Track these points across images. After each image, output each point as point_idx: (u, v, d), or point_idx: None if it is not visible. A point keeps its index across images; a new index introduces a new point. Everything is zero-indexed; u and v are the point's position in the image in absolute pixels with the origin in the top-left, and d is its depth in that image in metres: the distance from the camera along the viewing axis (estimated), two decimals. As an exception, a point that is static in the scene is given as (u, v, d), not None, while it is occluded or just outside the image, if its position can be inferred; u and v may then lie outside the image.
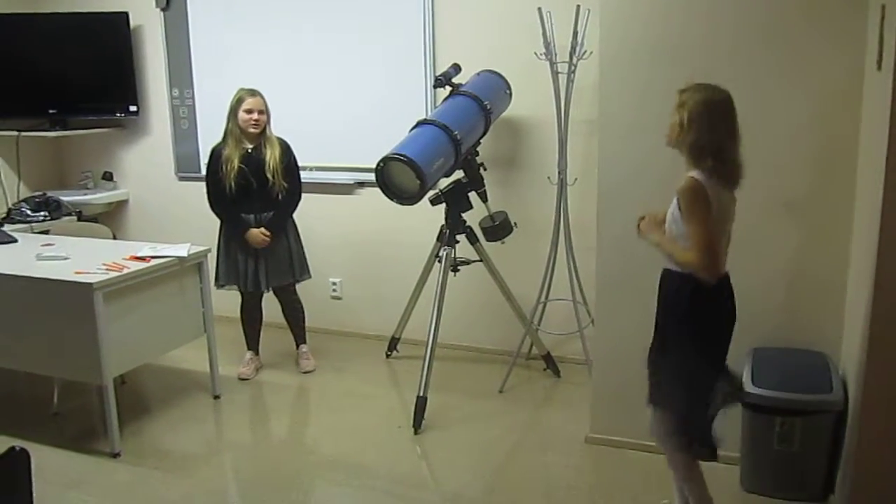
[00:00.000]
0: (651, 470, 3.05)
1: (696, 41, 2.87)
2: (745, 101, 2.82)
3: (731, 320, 2.41)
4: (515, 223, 3.72)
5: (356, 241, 4.64)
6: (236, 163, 3.83)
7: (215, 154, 3.91)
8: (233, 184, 3.83)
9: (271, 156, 3.87)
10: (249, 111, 3.82)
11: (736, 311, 2.43)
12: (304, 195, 4.06)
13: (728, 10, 2.81)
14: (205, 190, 3.95)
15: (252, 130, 3.84)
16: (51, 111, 4.97)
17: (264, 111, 3.87)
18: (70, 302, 3.16)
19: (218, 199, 3.91)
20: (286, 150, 3.96)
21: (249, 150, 3.88)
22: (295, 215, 4.06)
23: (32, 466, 1.77)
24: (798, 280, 2.90)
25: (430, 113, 3.98)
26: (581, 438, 3.31)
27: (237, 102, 3.85)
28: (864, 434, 2.33)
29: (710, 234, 2.23)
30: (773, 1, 2.76)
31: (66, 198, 4.92)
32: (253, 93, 3.86)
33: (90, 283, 3.09)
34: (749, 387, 2.73)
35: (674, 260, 2.34)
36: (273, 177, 3.86)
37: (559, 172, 3.79)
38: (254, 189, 3.87)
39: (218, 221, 3.99)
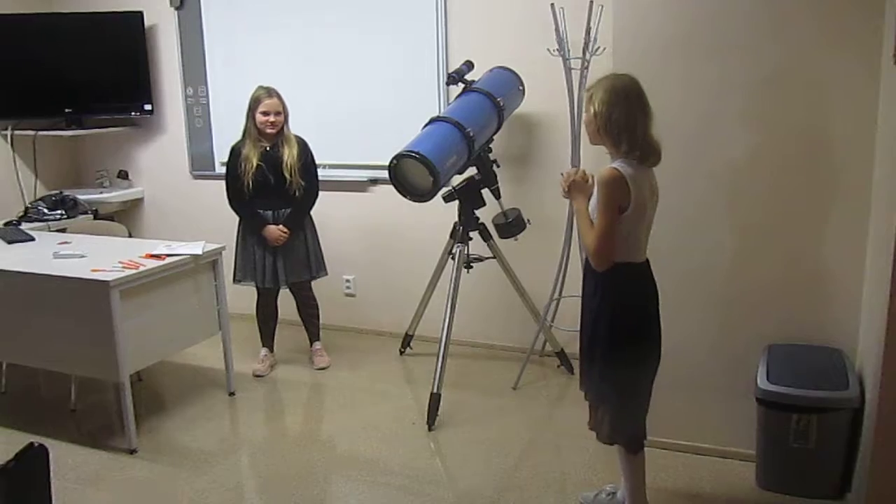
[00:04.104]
0: (665, 466, 3.04)
1: (708, 36, 2.85)
2: (758, 96, 2.83)
3: (654, 303, 2.49)
4: (529, 220, 3.71)
5: (369, 239, 4.65)
6: (254, 161, 3.86)
7: (234, 152, 3.94)
8: (250, 181, 3.87)
9: (289, 154, 3.89)
10: (266, 113, 3.85)
11: (658, 297, 2.51)
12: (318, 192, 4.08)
13: (740, 4, 2.79)
14: (224, 187, 3.99)
15: (269, 131, 3.87)
16: (67, 110, 5.01)
17: (281, 112, 3.89)
18: (87, 300, 3.19)
19: (236, 196, 3.95)
20: (303, 148, 3.98)
21: (267, 149, 3.90)
22: (312, 212, 4.08)
23: (51, 463, 1.79)
24: (813, 276, 2.88)
25: (442, 110, 3.98)
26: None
27: (254, 102, 3.88)
28: (880, 431, 2.32)
29: (612, 229, 2.30)
30: (785, 1, 2.74)
31: (83, 196, 4.96)
32: (270, 93, 3.87)
33: (106, 281, 3.12)
34: (764, 383, 2.72)
35: (581, 232, 2.42)
36: (290, 175, 3.89)
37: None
38: (271, 186, 3.90)
39: (235, 218, 4.03)
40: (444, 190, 3.58)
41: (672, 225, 3.01)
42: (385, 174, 3.44)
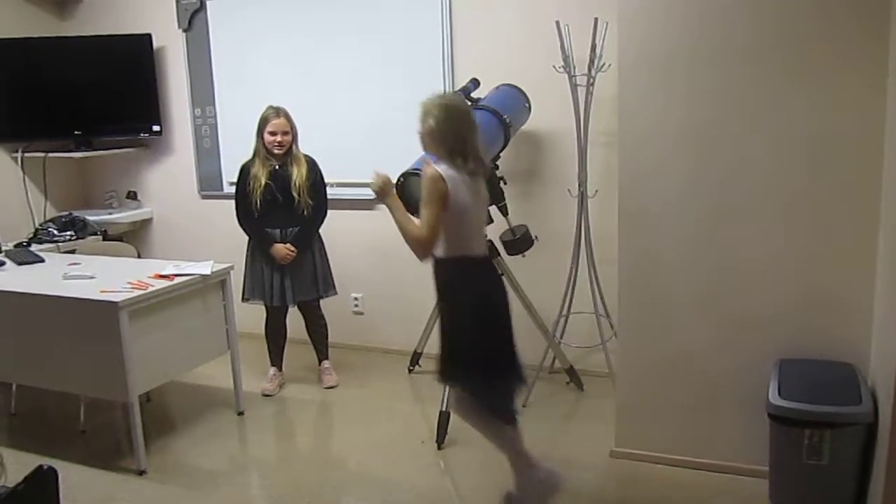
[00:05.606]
0: (677, 484, 3.02)
1: (713, 53, 2.86)
2: (764, 111, 2.83)
3: (498, 295, 2.73)
4: (536, 236, 3.71)
5: (377, 257, 4.65)
6: (263, 179, 3.88)
7: (244, 170, 3.97)
8: (259, 200, 3.89)
9: (298, 174, 3.92)
10: (273, 133, 3.87)
11: (505, 289, 2.79)
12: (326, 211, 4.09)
13: (744, 21, 2.80)
14: (234, 206, 4.02)
15: (277, 151, 3.89)
16: (76, 132, 5.06)
17: (288, 132, 3.91)
18: (96, 320, 3.20)
19: (245, 214, 3.97)
20: (312, 167, 4.00)
21: (276, 168, 3.93)
22: (320, 231, 4.09)
23: (60, 484, 1.79)
24: (823, 290, 2.86)
25: (449, 128, 3.98)
26: (606, 453, 3.28)
27: (263, 122, 3.91)
28: (895, 447, 2.29)
29: (436, 221, 2.55)
30: (789, 11, 2.74)
31: (92, 217, 4.99)
32: (278, 113, 3.90)
33: (116, 302, 3.12)
34: (776, 399, 2.69)
35: (400, 228, 2.63)
36: (299, 194, 3.91)
37: (579, 185, 3.78)
38: (280, 205, 3.92)
39: (244, 238, 4.05)
40: (451, 207, 3.58)
41: (680, 239, 3.02)
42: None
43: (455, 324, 2.69)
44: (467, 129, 2.64)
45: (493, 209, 3.73)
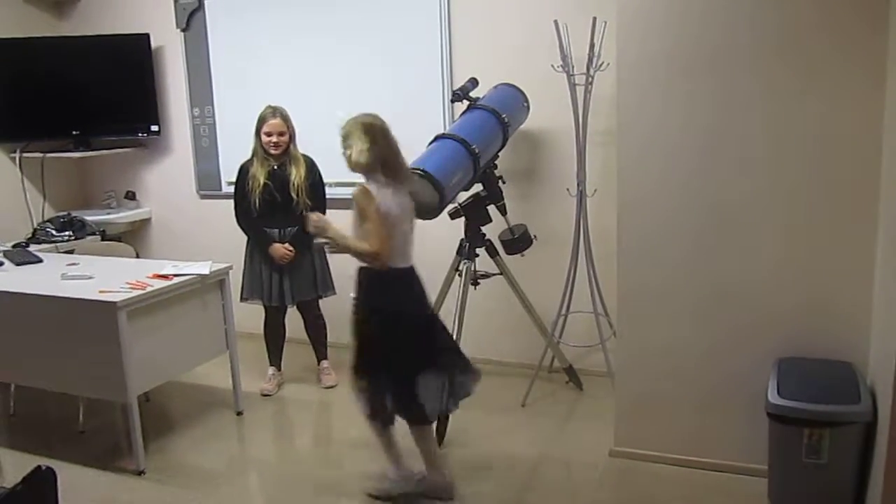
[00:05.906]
0: (677, 483, 3.02)
1: (712, 51, 2.86)
2: (763, 111, 2.83)
3: (416, 306, 2.90)
4: (535, 235, 3.71)
5: (376, 256, 4.64)
6: (261, 179, 3.88)
7: (243, 170, 3.97)
8: (257, 200, 3.89)
9: (296, 174, 3.91)
10: (269, 134, 3.87)
11: (426, 298, 2.95)
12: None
13: (744, 20, 2.80)
14: (232, 205, 4.02)
15: (273, 152, 3.89)
16: (74, 132, 5.05)
17: (285, 132, 3.91)
18: (94, 321, 3.20)
19: (244, 214, 3.97)
20: (311, 167, 4.00)
21: (275, 168, 3.93)
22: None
23: (59, 485, 1.79)
24: (823, 289, 2.86)
25: (448, 127, 3.99)
26: (605, 452, 3.28)
27: (260, 122, 3.91)
28: (893, 445, 2.29)
29: (384, 230, 2.69)
30: (789, 11, 2.74)
31: (90, 217, 4.98)
32: (275, 113, 3.90)
33: (114, 302, 3.12)
34: (775, 398, 2.69)
35: (352, 251, 2.76)
36: (297, 194, 3.90)
37: (578, 184, 3.78)
38: (278, 205, 3.91)
39: (243, 237, 4.05)
40: (450, 207, 3.58)
41: (680, 238, 3.02)
42: (391, 192, 3.44)
43: (371, 330, 2.84)
44: (389, 146, 2.79)
45: (492, 208, 3.74)
